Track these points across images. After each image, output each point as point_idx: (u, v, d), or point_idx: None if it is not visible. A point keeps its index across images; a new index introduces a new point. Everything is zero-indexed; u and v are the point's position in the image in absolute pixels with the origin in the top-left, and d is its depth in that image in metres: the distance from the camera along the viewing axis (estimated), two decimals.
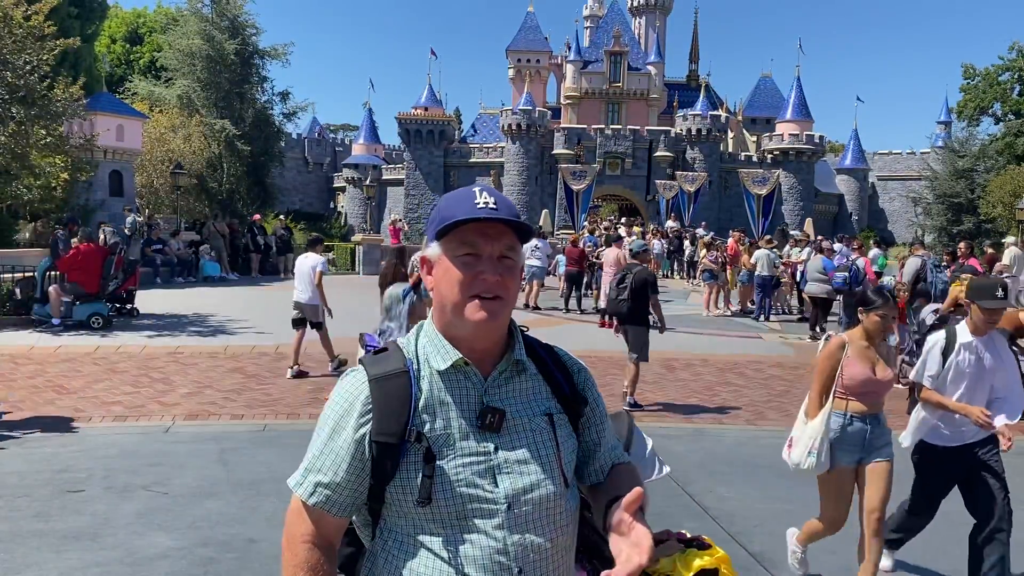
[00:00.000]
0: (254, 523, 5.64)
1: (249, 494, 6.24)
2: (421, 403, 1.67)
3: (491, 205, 1.67)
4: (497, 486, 1.65)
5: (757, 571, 5.16)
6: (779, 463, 7.58)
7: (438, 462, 1.63)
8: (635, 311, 9.67)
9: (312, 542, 1.69)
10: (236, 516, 5.78)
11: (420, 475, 1.63)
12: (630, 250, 11.36)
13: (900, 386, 11.43)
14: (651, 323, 9.94)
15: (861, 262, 13.81)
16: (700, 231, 28.73)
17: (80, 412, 8.67)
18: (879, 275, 16.29)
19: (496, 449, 1.67)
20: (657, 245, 27.89)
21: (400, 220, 33.03)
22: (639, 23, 70.29)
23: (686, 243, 28.23)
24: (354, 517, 1.77)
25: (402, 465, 1.65)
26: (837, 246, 19.12)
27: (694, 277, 25.74)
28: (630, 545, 1.54)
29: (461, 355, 1.69)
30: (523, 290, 17.48)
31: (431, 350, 1.73)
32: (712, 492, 6.65)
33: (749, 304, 19.34)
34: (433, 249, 1.73)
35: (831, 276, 15.00)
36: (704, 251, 21.24)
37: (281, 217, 30.68)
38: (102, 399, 9.26)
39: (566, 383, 1.81)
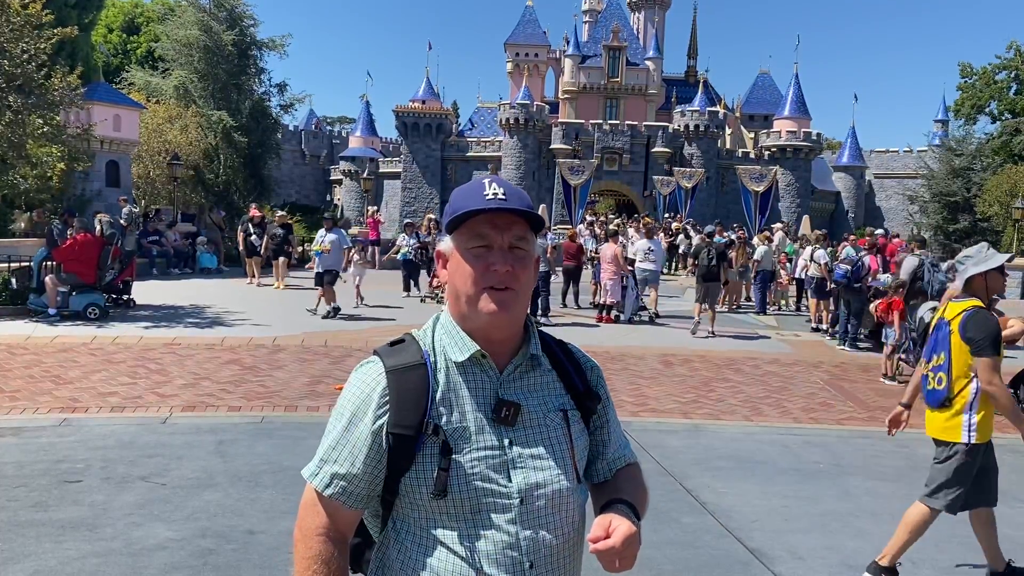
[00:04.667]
0: (252, 515, 5.64)
1: (247, 486, 6.24)
2: (438, 396, 1.67)
3: (500, 196, 1.66)
4: (510, 480, 1.65)
5: (754, 566, 5.17)
6: (777, 459, 7.62)
7: (454, 456, 1.63)
8: (716, 273, 14.94)
9: (327, 535, 1.68)
10: (234, 508, 5.77)
11: (436, 468, 1.62)
12: (704, 233, 18.95)
13: (898, 384, 11.48)
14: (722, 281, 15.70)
15: (867, 258, 13.91)
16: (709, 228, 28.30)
17: (77, 402, 8.64)
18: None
19: (510, 443, 1.67)
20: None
21: (378, 212, 32.54)
22: (637, 18, 70.22)
23: (681, 237, 28.22)
24: None
25: (418, 458, 1.64)
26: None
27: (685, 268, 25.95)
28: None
29: (479, 347, 1.69)
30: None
31: (448, 342, 1.72)
32: (710, 488, 6.66)
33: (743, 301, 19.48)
34: (447, 243, 1.74)
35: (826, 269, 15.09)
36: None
37: (281, 213, 24.07)
38: (99, 390, 9.22)
39: (579, 379, 1.81)
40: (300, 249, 24.05)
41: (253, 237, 20.23)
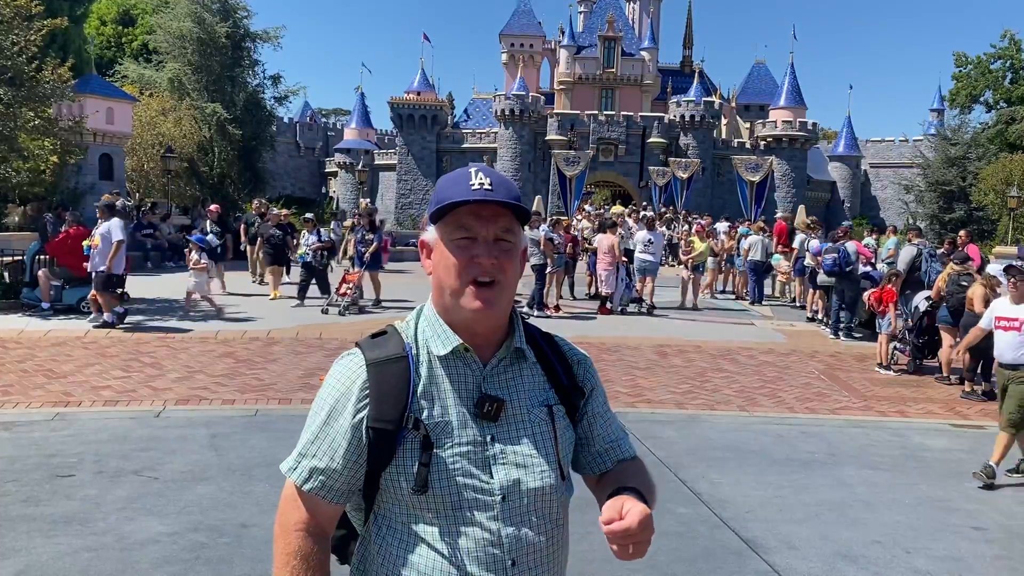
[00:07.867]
0: (245, 508, 5.62)
1: (241, 479, 6.22)
2: (420, 389, 1.63)
3: (486, 186, 1.61)
4: (492, 477, 1.62)
5: (748, 556, 5.17)
6: (771, 449, 7.62)
7: (435, 450, 1.60)
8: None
9: (306, 530, 1.65)
10: (227, 501, 5.75)
11: (416, 463, 1.59)
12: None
13: (892, 373, 11.49)
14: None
15: (852, 246, 13.89)
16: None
17: (70, 397, 8.61)
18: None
19: (493, 439, 1.63)
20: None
21: (369, 204, 32.26)
22: (633, 8, 70.00)
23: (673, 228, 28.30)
24: None
25: (399, 452, 1.61)
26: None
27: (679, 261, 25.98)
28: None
29: (462, 341, 1.65)
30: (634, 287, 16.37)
31: (431, 335, 1.68)
32: (704, 478, 6.65)
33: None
34: (430, 233, 1.69)
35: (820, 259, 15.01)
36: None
37: (285, 212, 21.13)
38: (92, 384, 9.19)
39: (564, 374, 1.77)
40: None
41: (211, 236, 15.89)
